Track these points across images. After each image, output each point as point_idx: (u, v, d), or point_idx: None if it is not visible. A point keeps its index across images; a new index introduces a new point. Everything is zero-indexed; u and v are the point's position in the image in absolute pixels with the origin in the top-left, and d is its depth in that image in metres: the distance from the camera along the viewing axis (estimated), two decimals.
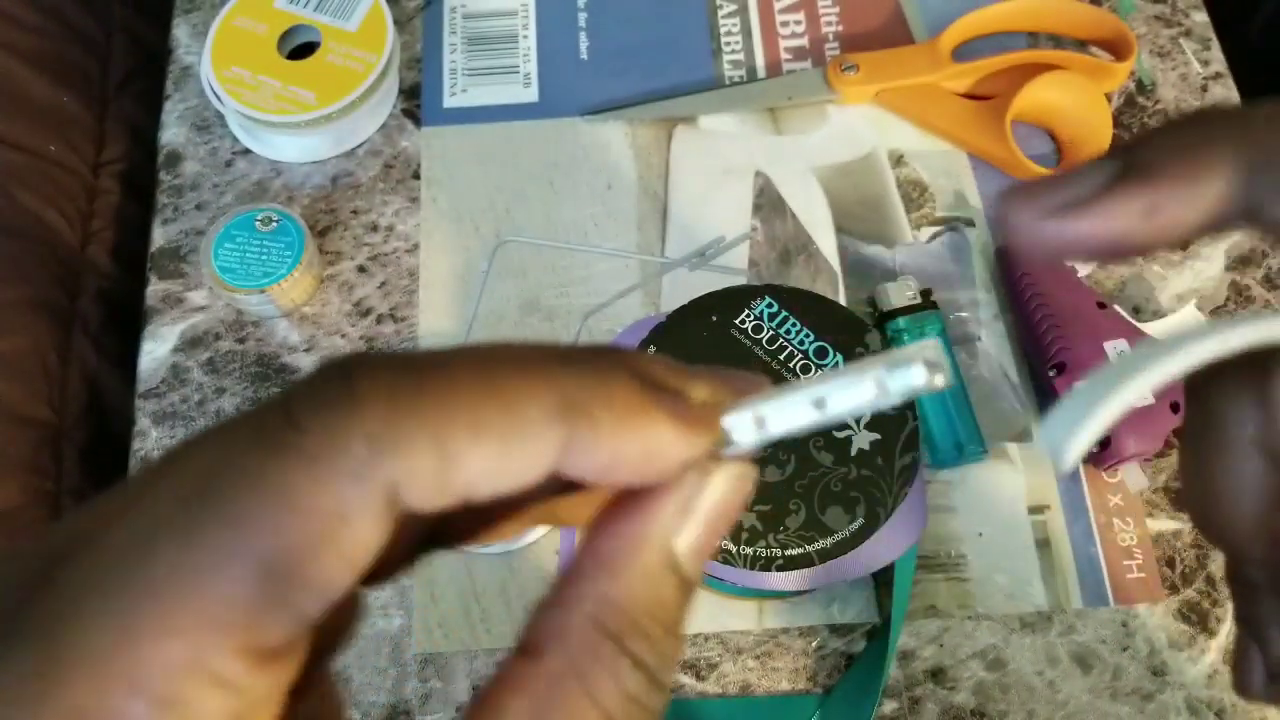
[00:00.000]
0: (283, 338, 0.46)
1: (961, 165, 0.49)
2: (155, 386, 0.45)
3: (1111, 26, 0.49)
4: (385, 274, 0.47)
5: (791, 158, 0.49)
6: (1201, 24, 0.52)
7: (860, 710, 0.39)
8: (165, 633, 0.12)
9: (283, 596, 0.12)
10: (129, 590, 0.12)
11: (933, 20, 0.52)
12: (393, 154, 0.50)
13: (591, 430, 0.14)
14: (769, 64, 0.51)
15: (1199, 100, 0.50)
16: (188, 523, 0.12)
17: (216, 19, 0.49)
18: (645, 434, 0.14)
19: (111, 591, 0.12)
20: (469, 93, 0.51)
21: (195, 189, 0.49)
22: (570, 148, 0.49)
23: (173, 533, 0.12)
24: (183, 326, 0.46)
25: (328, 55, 0.48)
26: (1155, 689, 0.40)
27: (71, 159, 0.49)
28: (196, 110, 0.51)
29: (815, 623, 0.41)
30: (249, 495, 0.12)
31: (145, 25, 0.54)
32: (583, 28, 0.52)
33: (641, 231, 0.48)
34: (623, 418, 0.14)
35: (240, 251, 0.44)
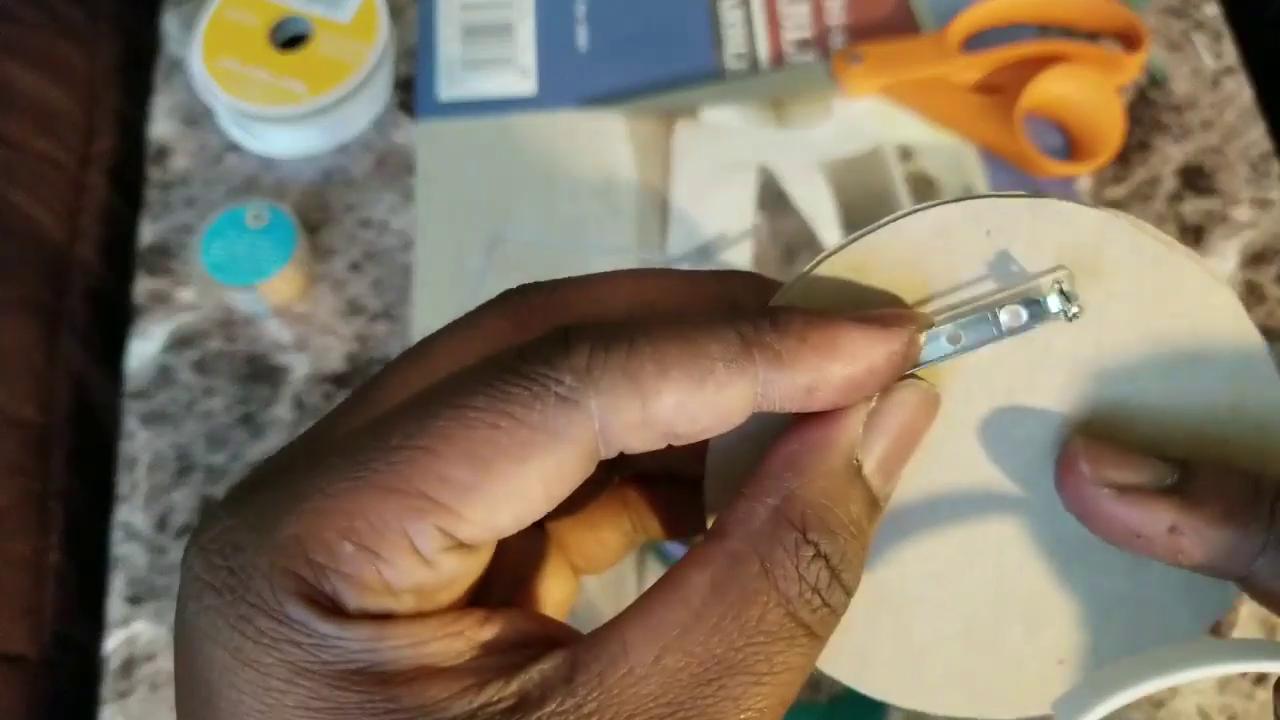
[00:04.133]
0: (274, 336, 0.45)
1: (970, 160, 0.48)
2: (143, 386, 0.44)
3: (1123, 19, 0.48)
4: (379, 271, 0.46)
5: (796, 152, 0.48)
6: (1214, 17, 0.51)
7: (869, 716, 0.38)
8: (386, 492, 0.14)
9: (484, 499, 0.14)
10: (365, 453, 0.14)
11: (940, 11, 0.51)
12: (387, 148, 0.49)
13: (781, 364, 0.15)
14: (772, 55, 0.50)
15: (1212, 94, 0.49)
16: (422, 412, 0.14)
17: (207, 10, 0.48)
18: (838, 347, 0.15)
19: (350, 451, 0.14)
20: (465, 85, 0.50)
21: (185, 184, 0.48)
22: (569, 141, 0.48)
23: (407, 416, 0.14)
24: (171, 325, 0.45)
25: (320, 47, 0.47)
26: (1166, 695, 0.39)
27: (59, 154, 0.48)
28: (186, 104, 0.50)
29: None
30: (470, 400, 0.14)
31: (134, 17, 0.53)
32: (581, 18, 0.51)
33: (642, 227, 0.47)
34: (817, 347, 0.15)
35: (230, 248, 0.43)
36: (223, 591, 0.14)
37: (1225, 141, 0.48)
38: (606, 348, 0.15)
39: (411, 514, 0.14)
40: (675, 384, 0.14)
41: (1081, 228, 0.16)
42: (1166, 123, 0.49)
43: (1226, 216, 0.47)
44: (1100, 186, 0.47)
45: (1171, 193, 0.47)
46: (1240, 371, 0.17)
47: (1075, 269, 0.16)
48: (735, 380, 0.15)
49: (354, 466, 0.14)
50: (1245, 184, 0.48)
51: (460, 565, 0.15)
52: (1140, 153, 0.48)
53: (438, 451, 0.14)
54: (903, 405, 0.16)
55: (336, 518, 0.14)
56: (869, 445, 0.16)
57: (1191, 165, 0.48)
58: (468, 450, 0.14)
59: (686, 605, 0.14)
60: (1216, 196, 0.47)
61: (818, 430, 0.16)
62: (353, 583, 0.14)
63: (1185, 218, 0.47)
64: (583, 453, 0.15)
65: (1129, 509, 0.16)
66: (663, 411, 0.15)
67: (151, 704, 0.39)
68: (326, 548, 0.14)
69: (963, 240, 0.17)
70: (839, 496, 0.15)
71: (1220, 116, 0.49)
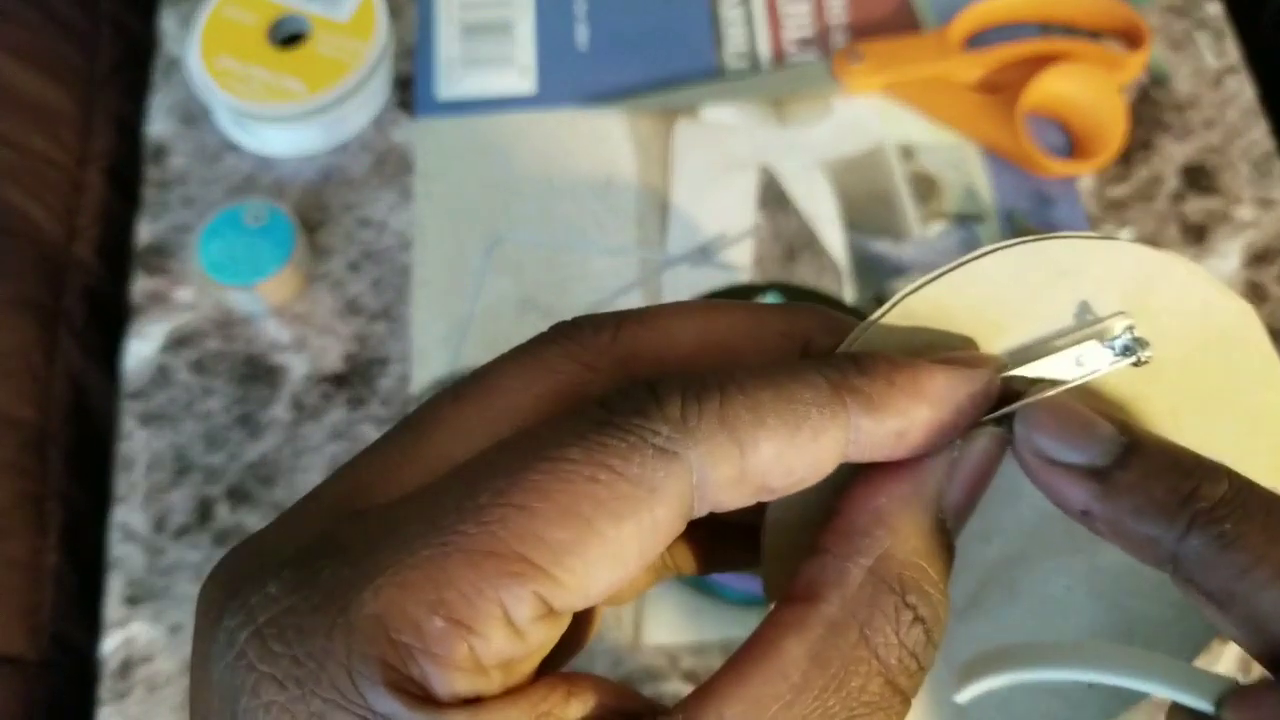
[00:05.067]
0: (272, 337, 0.45)
1: (972, 159, 0.47)
2: (141, 387, 0.44)
3: (1125, 17, 0.48)
4: (377, 271, 0.46)
5: (796, 151, 0.48)
6: (1216, 16, 0.51)
7: None
8: (480, 557, 0.12)
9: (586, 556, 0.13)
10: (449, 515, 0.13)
11: (942, 9, 0.50)
12: (385, 147, 0.48)
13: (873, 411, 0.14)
14: (773, 54, 0.50)
15: (1214, 93, 0.49)
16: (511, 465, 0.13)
17: (205, 9, 0.48)
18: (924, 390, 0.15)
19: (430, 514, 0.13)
20: (464, 83, 0.50)
21: (182, 183, 0.48)
22: (568, 140, 0.48)
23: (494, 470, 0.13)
24: (169, 325, 0.45)
25: (319, 45, 0.47)
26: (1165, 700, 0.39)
27: (57, 153, 0.48)
28: (184, 103, 0.49)
29: None
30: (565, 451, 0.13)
31: (132, 16, 0.53)
32: (581, 16, 0.51)
33: (642, 227, 0.46)
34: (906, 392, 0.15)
35: (229, 248, 0.43)
36: (288, 685, 0.12)
37: (1227, 140, 0.48)
38: (699, 397, 0.14)
39: (508, 580, 0.13)
40: (772, 432, 0.14)
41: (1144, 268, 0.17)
42: (1169, 122, 0.49)
43: (1229, 216, 0.47)
44: (1102, 186, 0.47)
45: (1174, 192, 0.47)
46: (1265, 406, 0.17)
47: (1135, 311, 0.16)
48: (829, 427, 0.14)
49: (437, 531, 0.13)
50: (1247, 183, 0.47)
51: (548, 635, 0.13)
52: (1142, 152, 0.48)
53: (534, 509, 0.13)
54: (983, 452, 0.16)
55: (423, 590, 0.12)
56: (950, 495, 0.15)
57: (1194, 164, 0.48)
58: (567, 507, 0.13)
59: (786, 678, 0.14)
60: (1219, 195, 0.47)
61: (906, 483, 0.15)
62: (443, 663, 0.12)
63: (1188, 217, 0.47)
64: (680, 509, 0.14)
65: (1049, 482, 0.15)
66: (761, 463, 0.14)
67: (149, 705, 0.39)
68: (414, 626, 0.12)
69: (1035, 282, 0.16)
70: (931, 555, 0.15)
71: (1222, 115, 0.49)
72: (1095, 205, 0.47)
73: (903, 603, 0.14)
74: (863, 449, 0.15)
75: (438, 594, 0.12)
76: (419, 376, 0.44)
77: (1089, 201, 0.47)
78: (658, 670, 0.39)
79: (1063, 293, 0.16)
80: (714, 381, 0.14)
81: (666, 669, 0.39)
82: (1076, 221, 0.46)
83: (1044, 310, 0.16)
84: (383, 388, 0.44)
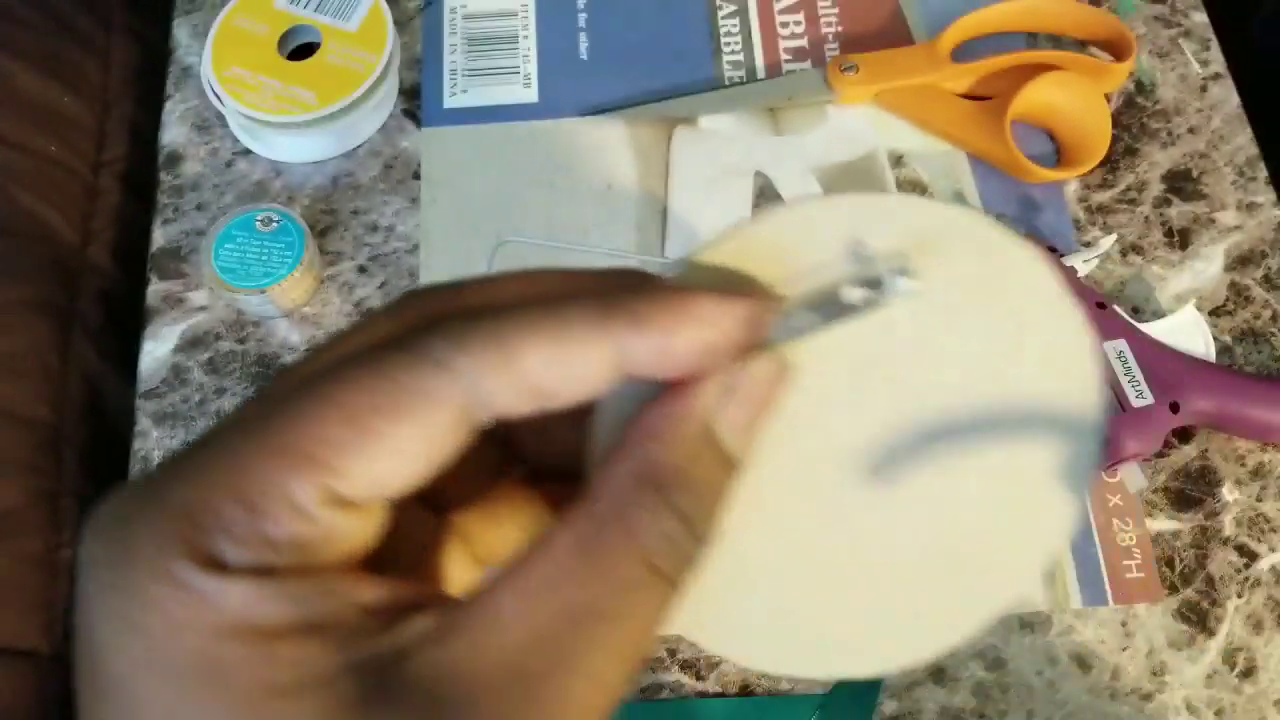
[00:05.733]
0: (283, 338, 0.46)
1: (961, 166, 0.49)
2: (156, 387, 0.45)
3: (1111, 27, 0.49)
4: (385, 274, 0.47)
5: (791, 158, 0.49)
6: (1201, 24, 0.52)
7: (860, 710, 0.39)
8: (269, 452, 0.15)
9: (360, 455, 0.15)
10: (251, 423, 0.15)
11: (932, 21, 0.52)
12: (393, 154, 0.50)
13: (638, 326, 0.16)
14: (769, 64, 0.51)
15: (1199, 100, 0.50)
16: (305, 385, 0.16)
17: (217, 19, 0.49)
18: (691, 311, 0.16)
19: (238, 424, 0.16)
20: (469, 93, 0.51)
21: (195, 189, 0.49)
22: (570, 148, 0.49)
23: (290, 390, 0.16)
24: (183, 327, 0.46)
25: (328, 55, 0.48)
26: (1154, 689, 0.40)
27: (72, 159, 0.49)
28: (197, 110, 0.51)
29: None
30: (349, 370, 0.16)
31: (146, 25, 0.54)
32: (583, 28, 0.52)
33: (641, 232, 0.48)
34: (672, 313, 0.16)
35: (241, 252, 0.44)
36: (115, 565, 0.15)
37: (1212, 147, 0.49)
38: (476, 319, 0.16)
39: (291, 470, 0.15)
40: (538, 344, 0.16)
41: (930, 220, 0.18)
42: (1154, 128, 0.50)
43: (1213, 220, 0.48)
44: (1088, 191, 0.48)
45: (1158, 197, 0.48)
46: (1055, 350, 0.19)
47: (920, 255, 0.18)
48: (594, 338, 0.16)
49: (243, 437, 0.15)
50: (1232, 188, 0.49)
51: (344, 523, 0.15)
52: (1127, 158, 0.49)
53: (321, 415, 0.15)
54: (756, 375, 0.17)
55: (222, 481, 0.15)
56: (724, 411, 0.17)
57: (1178, 170, 0.49)
58: (345, 411, 0.15)
59: (555, 565, 0.15)
60: (1203, 201, 0.48)
61: (675, 400, 0.17)
62: (234, 539, 0.15)
63: (1172, 221, 0.48)
64: (456, 411, 0.16)
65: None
66: (529, 369, 0.16)
67: None
68: (213, 509, 0.15)
69: (825, 233, 0.18)
70: (693, 459, 0.17)
71: (1207, 122, 0.50)
72: (1081, 211, 0.48)
73: (661, 497, 0.16)
74: (635, 364, 0.16)
75: (233, 483, 0.15)
76: None
77: (1075, 207, 0.48)
78: (656, 660, 0.40)
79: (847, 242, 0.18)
80: (494, 308, 0.16)
81: (666, 659, 0.40)
82: (1062, 226, 0.48)
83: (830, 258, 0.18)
84: None
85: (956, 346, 0.19)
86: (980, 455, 0.19)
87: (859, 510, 0.19)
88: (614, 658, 0.16)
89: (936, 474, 0.19)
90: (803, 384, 0.18)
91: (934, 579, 0.19)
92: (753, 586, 0.19)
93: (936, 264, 0.18)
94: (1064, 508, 0.19)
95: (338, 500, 0.15)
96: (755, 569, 0.19)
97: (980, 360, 0.19)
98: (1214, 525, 0.42)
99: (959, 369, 0.19)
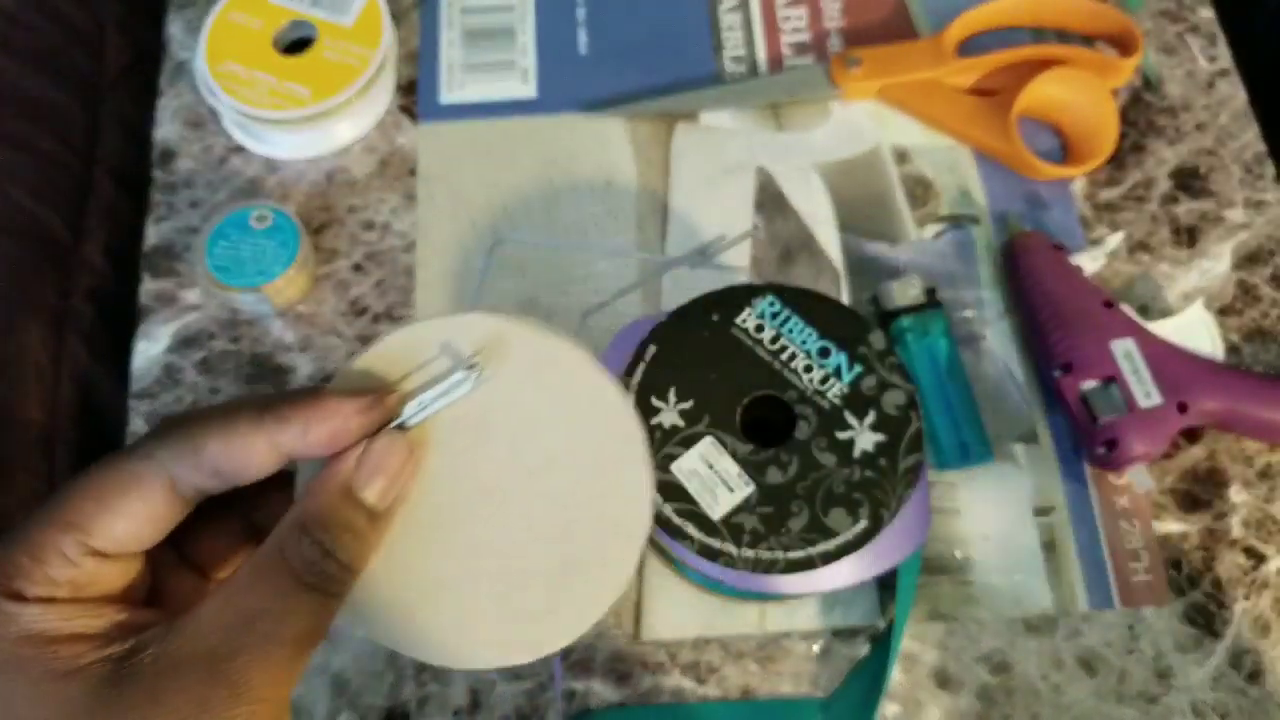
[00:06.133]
0: (277, 337, 0.45)
1: (966, 162, 0.48)
2: (148, 386, 0.45)
3: (1117, 22, 0.49)
4: (381, 272, 0.46)
5: (794, 154, 0.48)
6: (1208, 20, 0.52)
7: (863, 714, 0.38)
8: (49, 522, 0.23)
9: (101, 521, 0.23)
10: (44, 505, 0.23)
11: (936, 15, 0.51)
12: (389, 150, 0.49)
13: (283, 423, 0.24)
14: (771, 59, 0.51)
15: (1206, 97, 0.50)
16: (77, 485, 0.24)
17: (211, 14, 0.48)
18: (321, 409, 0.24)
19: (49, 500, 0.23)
20: (466, 88, 0.50)
21: (189, 186, 0.48)
22: (569, 144, 0.49)
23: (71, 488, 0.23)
24: (176, 326, 0.46)
25: (324, 51, 0.48)
26: (1161, 692, 0.39)
27: (65, 155, 0.49)
28: (191, 106, 0.50)
29: (817, 626, 0.40)
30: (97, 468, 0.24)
31: (139, 21, 0.54)
32: (582, 22, 0.52)
33: (641, 229, 0.47)
34: (307, 411, 0.24)
35: (234, 249, 0.44)
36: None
37: (1219, 143, 0.49)
38: (176, 424, 0.24)
39: (60, 533, 0.23)
40: (213, 438, 0.23)
41: (495, 328, 0.27)
42: (1161, 125, 0.49)
43: (1220, 218, 0.47)
44: (1094, 189, 0.48)
45: (1165, 194, 0.48)
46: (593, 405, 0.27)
47: (489, 354, 0.26)
48: (253, 432, 0.24)
49: (38, 512, 0.23)
50: (1239, 185, 0.48)
51: (101, 568, 0.23)
52: (1134, 155, 0.49)
53: (77, 494, 0.23)
54: (380, 447, 0.25)
55: (20, 540, 0.23)
56: (361, 474, 0.25)
57: (1185, 167, 0.48)
58: (91, 491, 0.23)
59: (236, 581, 0.23)
60: (1210, 198, 0.48)
61: (326, 469, 0.25)
62: (27, 579, 0.22)
63: (1179, 219, 0.47)
64: (163, 489, 0.23)
65: None
66: (209, 456, 0.23)
67: None
68: (14, 560, 0.22)
69: (428, 343, 0.27)
70: (334, 508, 0.24)
71: (1214, 119, 0.49)
72: (1087, 208, 0.47)
73: (306, 535, 0.24)
74: (287, 448, 0.24)
75: (27, 542, 0.23)
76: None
77: (1081, 204, 0.47)
78: (657, 664, 0.40)
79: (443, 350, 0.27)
80: (190, 416, 0.24)
81: (666, 663, 0.40)
82: (1069, 223, 0.47)
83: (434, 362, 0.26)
84: None
85: (530, 408, 0.27)
86: (563, 484, 0.27)
87: (489, 532, 0.26)
88: (280, 644, 0.23)
89: (537, 500, 0.26)
90: (438, 445, 0.26)
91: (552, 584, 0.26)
92: (420, 595, 0.26)
93: (508, 357, 0.27)
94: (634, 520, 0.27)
95: (93, 552, 0.23)
96: (420, 581, 0.26)
97: (548, 414, 0.27)
98: (1222, 527, 0.42)
99: (535, 423, 0.27)
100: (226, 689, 0.22)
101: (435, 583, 0.26)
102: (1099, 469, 0.42)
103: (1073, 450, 0.43)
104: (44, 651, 0.22)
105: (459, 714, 0.39)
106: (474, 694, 0.40)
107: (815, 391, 0.34)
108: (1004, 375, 0.44)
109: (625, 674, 0.40)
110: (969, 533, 0.42)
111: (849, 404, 0.34)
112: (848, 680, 0.39)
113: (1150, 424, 0.40)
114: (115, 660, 0.22)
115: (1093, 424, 0.41)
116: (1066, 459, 0.43)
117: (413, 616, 0.26)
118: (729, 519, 0.33)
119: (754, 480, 0.33)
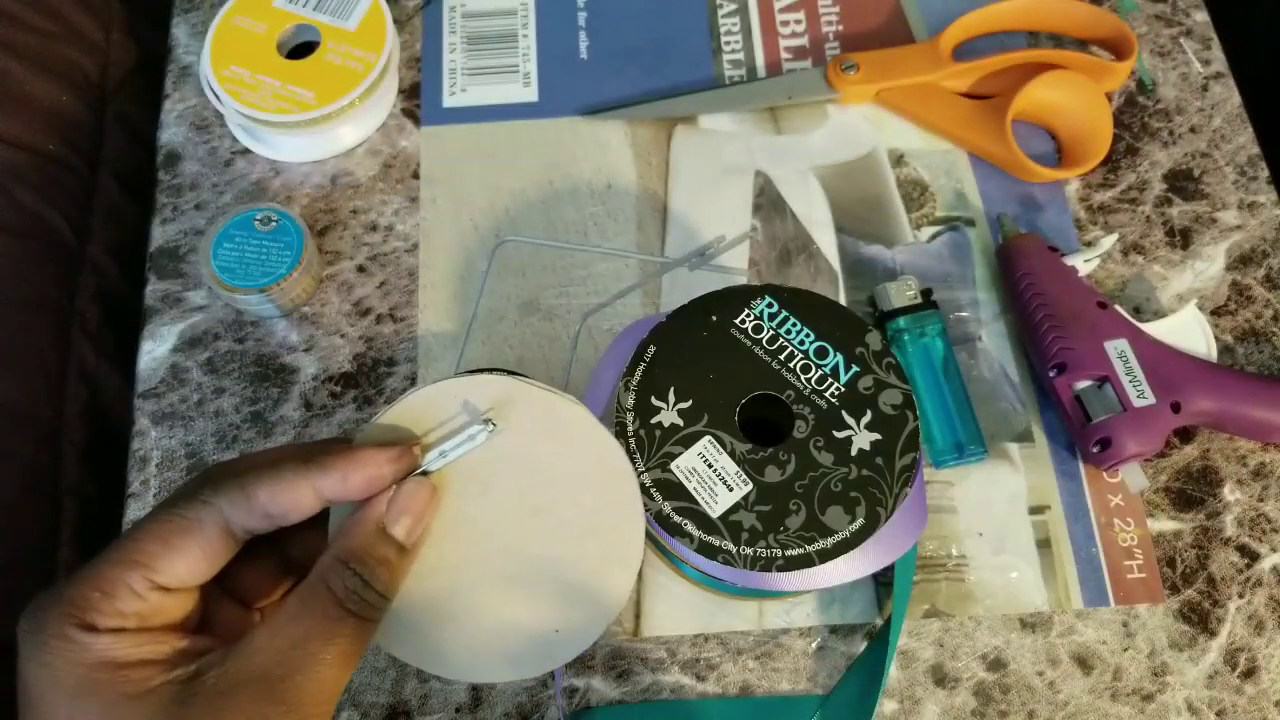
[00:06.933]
0: (282, 338, 0.46)
1: (962, 165, 0.49)
2: (154, 386, 0.45)
3: (1112, 26, 0.49)
4: (384, 274, 0.47)
5: (792, 157, 0.49)
6: (1202, 23, 0.52)
7: (861, 711, 0.39)
8: (116, 561, 0.26)
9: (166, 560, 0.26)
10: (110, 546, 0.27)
11: (933, 19, 0.52)
12: (392, 153, 0.50)
13: (325, 471, 0.28)
14: (769, 63, 0.51)
15: (1200, 100, 0.50)
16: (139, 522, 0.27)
17: (216, 18, 0.49)
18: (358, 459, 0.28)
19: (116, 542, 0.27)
20: (468, 92, 0.51)
21: (194, 188, 0.49)
22: (570, 147, 0.49)
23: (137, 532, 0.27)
24: (182, 326, 0.46)
25: (327, 55, 0.48)
26: (1156, 689, 0.40)
27: (71, 158, 0.49)
28: (195, 110, 0.51)
29: (815, 623, 0.41)
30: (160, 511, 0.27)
31: (144, 25, 0.54)
32: (582, 27, 0.52)
33: (641, 231, 0.47)
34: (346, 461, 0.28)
35: (239, 251, 0.44)
36: (35, 633, 0.25)
37: (1213, 146, 0.49)
38: (228, 470, 0.28)
39: (129, 570, 0.26)
40: (263, 485, 0.27)
41: (504, 387, 0.31)
42: (1155, 128, 0.50)
43: (1214, 220, 0.48)
44: (1089, 191, 0.48)
45: (1159, 197, 0.48)
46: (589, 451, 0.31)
47: (500, 408, 0.31)
48: (298, 480, 0.27)
49: (106, 552, 0.26)
50: (1233, 187, 0.48)
51: (165, 601, 0.26)
52: (1129, 157, 0.49)
53: (143, 537, 0.26)
54: (407, 491, 0.29)
55: (91, 578, 0.26)
56: (391, 514, 0.29)
57: (1179, 169, 0.49)
58: (155, 534, 0.26)
59: (286, 610, 0.27)
60: (1204, 200, 0.48)
61: (360, 511, 0.29)
62: (99, 612, 0.25)
63: (1173, 221, 0.48)
64: (220, 531, 0.27)
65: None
66: (259, 502, 0.27)
67: None
68: (85, 596, 0.25)
69: (447, 401, 0.31)
70: (369, 543, 0.28)
71: (1208, 122, 0.50)
72: (1082, 210, 0.48)
73: (346, 567, 0.28)
74: (328, 494, 0.28)
75: (98, 580, 0.26)
76: (425, 376, 0.45)
77: (1076, 206, 0.48)
78: (656, 661, 0.40)
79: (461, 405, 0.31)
80: (238, 464, 0.28)
81: (665, 660, 0.40)
82: (1064, 225, 0.47)
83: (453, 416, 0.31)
84: (390, 387, 0.45)
85: (535, 455, 0.31)
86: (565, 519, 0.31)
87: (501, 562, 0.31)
88: (328, 665, 0.26)
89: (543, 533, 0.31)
90: (456, 490, 0.30)
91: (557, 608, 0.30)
92: (440, 618, 0.30)
93: (514, 411, 0.31)
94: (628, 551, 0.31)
95: (158, 587, 0.26)
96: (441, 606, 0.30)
97: (551, 460, 0.31)
98: (1215, 525, 0.42)
99: (540, 468, 0.31)
100: (282, 705, 0.25)
101: (453, 608, 0.30)
102: (1094, 468, 0.43)
103: (1067, 449, 0.43)
104: (117, 676, 0.25)
105: (460, 711, 0.40)
106: (475, 691, 0.40)
107: (813, 391, 0.35)
108: (999, 375, 0.45)
109: (625, 671, 0.40)
110: (965, 531, 0.42)
111: (846, 403, 0.34)
112: (846, 677, 0.40)
113: (1144, 424, 0.40)
114: (181, 683, 0.25)
115: (1087, 423, 0.41)
116: (1061, 458, 0.43)
117: (434, 637, 0.30)
118: (728, 517, 0.33)
119: (752, 479, 0.34)
